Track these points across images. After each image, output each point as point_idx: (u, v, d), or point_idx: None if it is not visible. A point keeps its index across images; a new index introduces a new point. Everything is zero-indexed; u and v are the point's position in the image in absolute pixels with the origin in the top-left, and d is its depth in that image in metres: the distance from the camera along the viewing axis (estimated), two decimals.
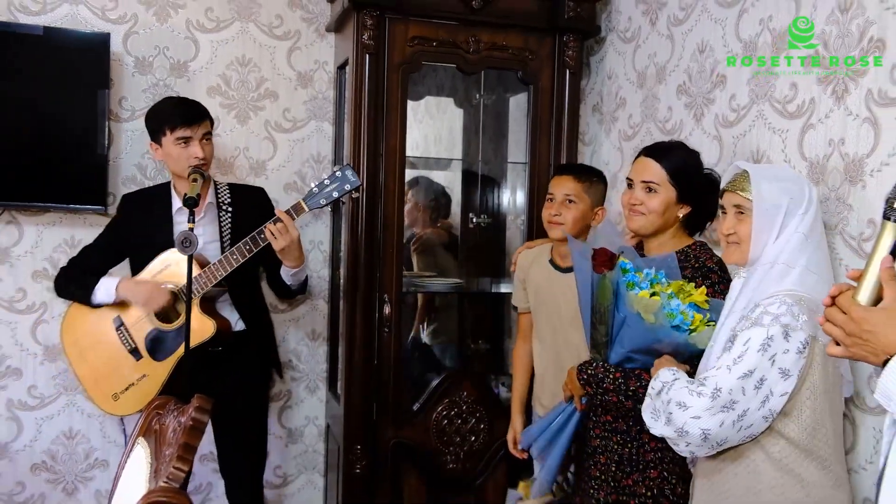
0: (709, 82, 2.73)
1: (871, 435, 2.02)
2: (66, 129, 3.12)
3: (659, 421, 1.91)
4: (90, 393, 2.92)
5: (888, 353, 1.30)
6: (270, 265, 2.94)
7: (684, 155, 2.35)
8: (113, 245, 2.95)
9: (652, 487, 2.22)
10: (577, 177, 2.72)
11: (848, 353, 1.37)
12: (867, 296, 1.33)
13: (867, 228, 2.05)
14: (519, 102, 3.64)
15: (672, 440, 1.91)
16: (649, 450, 2.23)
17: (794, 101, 2.34)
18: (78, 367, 2.92)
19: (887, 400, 1.31)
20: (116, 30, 3.24)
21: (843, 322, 1.35)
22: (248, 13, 3.44)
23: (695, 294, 2.07)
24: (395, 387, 3.15)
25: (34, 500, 3.32)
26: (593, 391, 2.23)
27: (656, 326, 2.03)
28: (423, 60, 3.16)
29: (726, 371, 1.82)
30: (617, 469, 2.25)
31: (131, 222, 2.93)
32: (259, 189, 3.14)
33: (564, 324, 2.73)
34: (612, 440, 2.28)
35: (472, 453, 3.23)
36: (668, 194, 2.29)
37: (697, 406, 1.82)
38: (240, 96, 3.44)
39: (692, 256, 2.26)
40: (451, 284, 3.65)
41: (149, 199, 2.96)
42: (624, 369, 2.17)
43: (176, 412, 1.55)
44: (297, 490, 3.69)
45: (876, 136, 2.05)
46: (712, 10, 2.73)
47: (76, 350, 2.92)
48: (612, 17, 3.35)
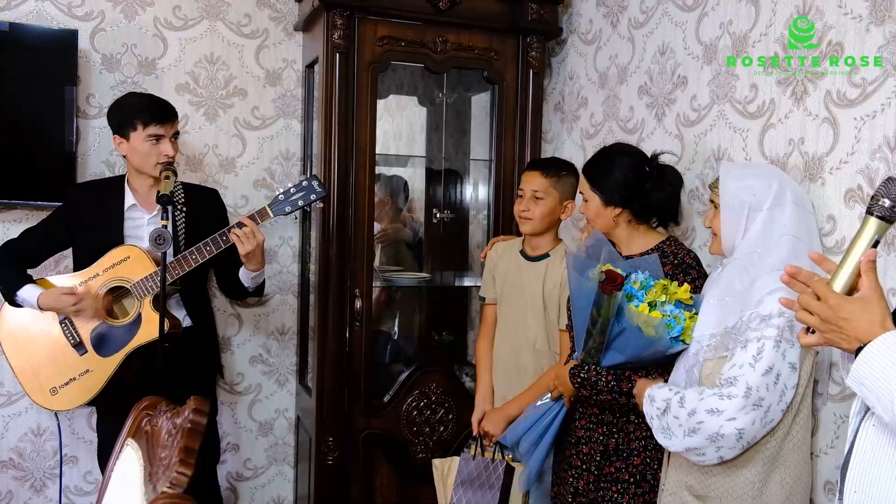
0: (670, 83, 2.76)
1: (832, 421, 2.06)
2: (34, 125, 3.03)
3: (676, 437, 1.90)
4: (25, 385, 2.77)
5: (861, 340, 1.32)
6: (227, 267, 2.89)
7: (597, 160, 2.41)
8: (56, 233, 2.82)
9: (634, 474, 2.25)
10: (544, 172, 2.73)
11: (822, 339, 1.39)
12: (842, 284, 1.36)
13: (827, 224, 2.09)
14: (481, 101, 3.65)
15: (698, 450, 1.89)
16: (634, 439, 2.26)
17: (755, 102, 2.38)
18: (14, 359, 2.77)
19: (859, 385, 1.34)
20: (83, 27, 3.15)
21: (818, 309, 1.37)
22: (216, 12, 3.37)
23: (679, 292, 2.09)
24: (367, 379, 3.13)
25: (1, 497, 3.22)
26: (588, 392, 2.24)
27: (656, 339, 2.05)
28: (392, 60, 3.14)
29: (750, 369, 1.83)
30: (601, 458, 2.27)
31: (80, 213, 2.80)
32: (213, 190, 3.07)
33: (526, 309, 2.76)
34: (597, 431, 2.29)
35: (441, 443, 3.23)
36: (593, 202, 2.37)
37: (731, 407, 1.83)
38: (208, 94, 3.38)
39: (669, 253, 2.28)
40: (418, 278, 3.64)
41: (100, 192, 2.85)
42: (615, 371, 2.18)
43: (169, 413, 1.51)
44: (267, 481, 3.66)
45: (835, 136, 2.09)
46: (673, 14, 2.76)
47: (13, 342, 2.78)
48: (574, 20, 3.37)
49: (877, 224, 1.36)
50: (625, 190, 2.33)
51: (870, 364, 1.31)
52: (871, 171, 1.98)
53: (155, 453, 1.50)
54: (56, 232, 2.82)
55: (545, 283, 2.72)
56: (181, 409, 1.45)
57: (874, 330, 1.31)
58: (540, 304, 2.73)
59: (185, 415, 1.41)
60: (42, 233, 2.83)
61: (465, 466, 2.74)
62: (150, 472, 1.48)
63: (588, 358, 2.22)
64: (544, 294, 2.72)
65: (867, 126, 2.00)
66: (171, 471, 1.30)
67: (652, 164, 2.37)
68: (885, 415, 1.29)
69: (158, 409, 1.62)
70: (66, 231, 2.82)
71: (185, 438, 1.35)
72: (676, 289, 2.10)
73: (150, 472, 1.48)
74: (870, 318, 1.32)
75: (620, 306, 2.08)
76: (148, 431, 1.60)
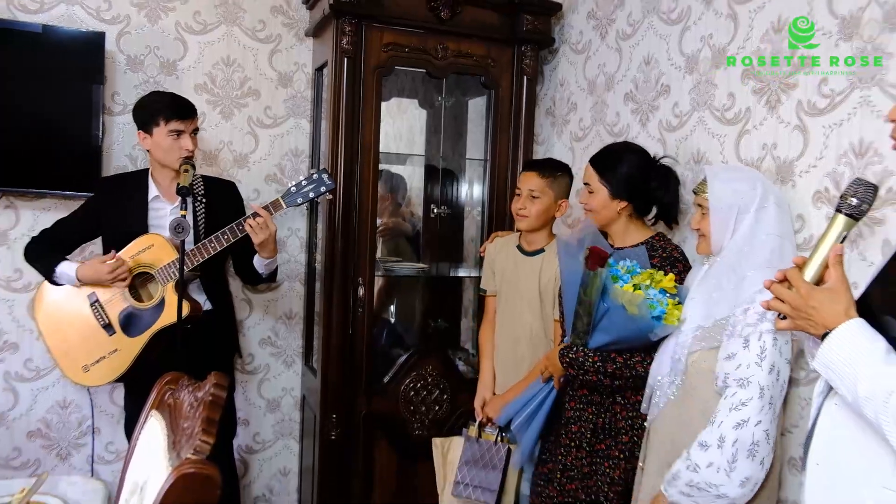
0: (654, 91, 2.79)
1: (797, 403, 2.09)
2: (63, 120, 3.04)
3: (732, 480, 1.81)
4: (60, 363, 2.81)
5: (828, 326, 1.36)
6: (242, 255, 2.91)
7: (608, 154, 2.43)
8: (86, 223, 2.85)
9: (623, 450, 2.27)
10: (540, 172, 2.74)
11: (793, 325, 1.43)
12: (812, 275, 1.40)
13: (797, 223, 2.12)
14: (477, 105, 3.66)
15: (749, 478, 1.82)
16: (621, 418, 2.28)
17: (732, 110, 2.40)
18: (50, 339, 2.81)
19: (825, 368, 1.37)
20: (110, 29, 3.16)
21: (790, 298, 1.41)
22: (233, 17, 3.38)
23: (664, 281, 2.12)
24: (368, 361, 3.15)
25: (30, 464, 3.24)
26: (575, 372, 2.26)
27: (638, 317, 2.06)
28: (396, 65, 3.15)
29: (758, 368, 1.82)
30: (592, 436, 2.30)
31: (107, 205, 2.83)
32: (230, 182, 3.09)
33: (523, 302, 2.77)
34: (587, 411, 2.32)
35: (436, 421, 3.25)
36: (600, 194, 2.37)
37: (755, 411, 1.81)
38: (224, 94, 3.39)
39: (658, 247, 2.32)
40: (417, 269, 3.66)
41: (125, 185, 2.87)
42: (601, 353, 2.21)
43: (190, 388, 1.53)
44: (274, 454, 3.68)
45: (805, 142, 2.12)
46: (657, 27, 2.78)
47: (49, 322, 2.82)
48: (566, 31, 3.39)
49: (845, 221, 1.39)
50: (632, 185, 2.35)
51: (835, 349, 1.34)
52: (837, 175, 2.01)
53: (178, 424, 1.52)
54: (86, 222, 2.85)
55: (541, 276, 2.73)
56: (202, 384, 1.47)
57: (839, 318, 1.34)
58: (536, 297, 2.74)
59: (207, 388, 1.42)
60: (73, 223, 2.86)
61: (469, 447, 2.76)
62: (173, 441, 1.50)
63: (576, 339, 2.24)
64: (540, 287, 2.73)
65: (835, 133, 2.03)
66: (194, 439, 1.32)
67: (656, 164, 2.40)
68: (848, 395, 1.32)
69: (180, 383, 1.64)
70: (96, 221, 2.84)
71: (207, 410, 1.37)
72: (662, 277, 2.13)
73: (174, 441, 1.49)
74: (836, 307, 1.35)
75: (605, 285, 2.09)
76: (171, 404, 1.62)
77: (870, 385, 1.26)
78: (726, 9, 2.44)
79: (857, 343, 1.31)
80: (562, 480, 2.33)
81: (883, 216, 1.89)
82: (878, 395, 1.25)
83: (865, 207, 1.39)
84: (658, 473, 2.07)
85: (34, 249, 2.83)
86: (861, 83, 1.96)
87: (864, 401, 1.28)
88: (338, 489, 3.17)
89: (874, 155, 1.91)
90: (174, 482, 1.25)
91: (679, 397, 2.04)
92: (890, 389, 1.23)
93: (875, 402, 1.25)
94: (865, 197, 1.39)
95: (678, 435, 2.02)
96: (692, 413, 1.99)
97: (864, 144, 1.94)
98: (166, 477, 1.29)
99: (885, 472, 1.31)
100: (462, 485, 2.72)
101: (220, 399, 1.39)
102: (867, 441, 1.34)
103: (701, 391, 1.98)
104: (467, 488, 2.70)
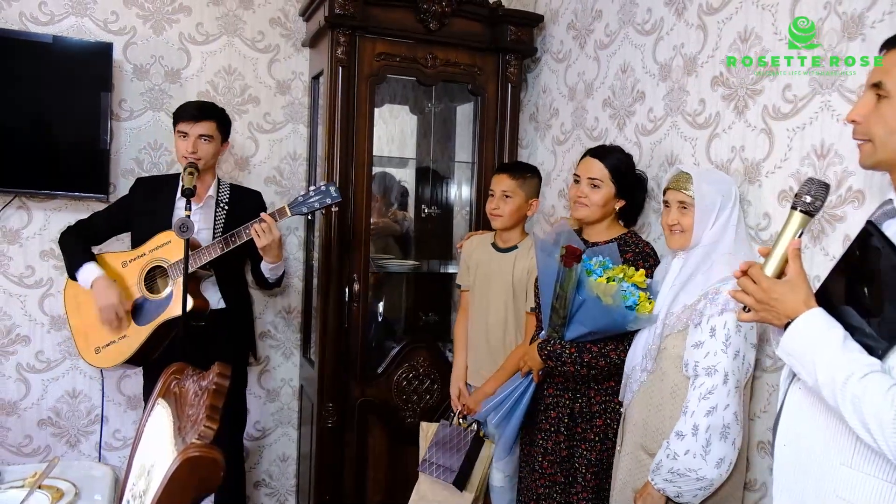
0: (630, 97, 2.80)
1: (764, 389, 2.11)
2: (72, 126, 3.04)
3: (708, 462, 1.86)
4: (78, 343, 2.84)
5: (789, 317, 1.37)
6: (254, 258, 2.91)
7: (622, 157, 2.43)
8: (118, 217, 2.89)
9: (598, 433, 2.29)
10: (511, 174, 2.77)
11: (757, 317, 1.44)
12: (772, 269, 1.41)
13: (763, 220, 2.14)
14: (465, 111, 3.67)
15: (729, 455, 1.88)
16: (595, 403, 2.30)
17: (703, 114, 2.42)
18: (72, 318, 2.86)
19: (787, 356, 1.39)
20: (117, 40, 3.16)
21: (753, 290, 1.42)
22: (234, 29, 3.38)
23: (635, 276, 2.14)
24: (362, 353, 3.16)
25: (41, 451, 3.24)
26: (554, 364, 2.28)
27: (612, 307, 2.09)
28: (388, 73, 3.15)
29: (724, 355, 1.86)
30: (569, 420, 2.31)
31: (138, 202, 2.87)
32: (256, 192, 3.07)
33: (497, 296, 2.79)
34: (564, 397, 2.33)
35: (426, 409, 3.26)
36: (608, 189, 2.37)
37: (722, 396, 1.85)
38: (226, 101, 3.38)
39: (631, 242, 2.34)
40: (408, 266, 3.67)
41: (157, 185, 2.91)
42: (577, 344, 2.22)
43: (195, 377, 1.53)
44: (274, 441, 3.68)
45: (770, 144, 2.14)
46: (633, 38, 2.80)
47: (74, 303, 2.85)
48: (547, 41, 3.40)
49: (800, 217, 1.41)
50: (631, 186, 2.41)
51: (795, 337, 1.36)
52: (800, 175, 2.03)
53: (183, 411, 1.52)
54: (117, 217, 2.90)
55: (514, 271, 2.75)
56: (206, 374, 1.47)
57: (799, 308, 1.36)
58: (510, 290, 2.76)
59: (210, 378, 1.43)
60: (106, 216, 2.90)
61: (441, 430, 2.81)
62: (178, 427, 1.50)
63: (553, 333, 2.25)
64: (514, 281, 2.75)
65: (798, 136, 2.05)
66: (198, 425, 1.32)
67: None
68: (808, 379, 1.34)
69: (185, 373, 1.64)
70: (125, 216, 2.88)
71: (211, 398, 1.37)
72: (633, 272, 2.15)
73: (179, 427, 1.50)
74: (795, 299, 1.37)
75: (580, 279, 2.11)
76: (176, 392, 1.62)
77: (827, 371, 1.28)
78: (696, 20, 2.45)
79: (815, 332, 1.33)
80: (542, 464, 2.35)
81: (843, 213, 1.91)
82: (836, 381, 1.26)
83: (819, 204, 1.41)
84: (633, 455, 2.10)
85: (67, 239, 2.86)
86: (822, 89, 1.98)
87: (823, 386, 1.29)
88: (334, 473, 3.17)
89: (835, 156, 1.94)
90: (180, 465, 1.26)
91: (650, 382, 2.06)
92: (846, 375, 1.25)
93: (833, 387, 1.27)
94: (818, 194, 1.41)
95: (650, 418, 2.05)
96: (663, 396, 2.02)
97: (825, 146, 1.96)
98: (172, 460, 1.30)
99: (845, 451, 1.33)
100: (427, 463, 2.77)
101: (222, 388, 1.39)
102: (828, 423, 1.35)
103: (670, 375, 2.01)
104: (431, 466, 2.75)
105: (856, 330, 1.30)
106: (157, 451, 1.53)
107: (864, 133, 1.40)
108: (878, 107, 1.37)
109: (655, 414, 2.03)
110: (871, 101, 1.38)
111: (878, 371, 1.24)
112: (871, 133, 1.39)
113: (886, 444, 1.20)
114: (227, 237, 2.69)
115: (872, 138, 1.38)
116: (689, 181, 2.05)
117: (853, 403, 1.24)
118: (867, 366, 1.24)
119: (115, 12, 3.17)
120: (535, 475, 2.38)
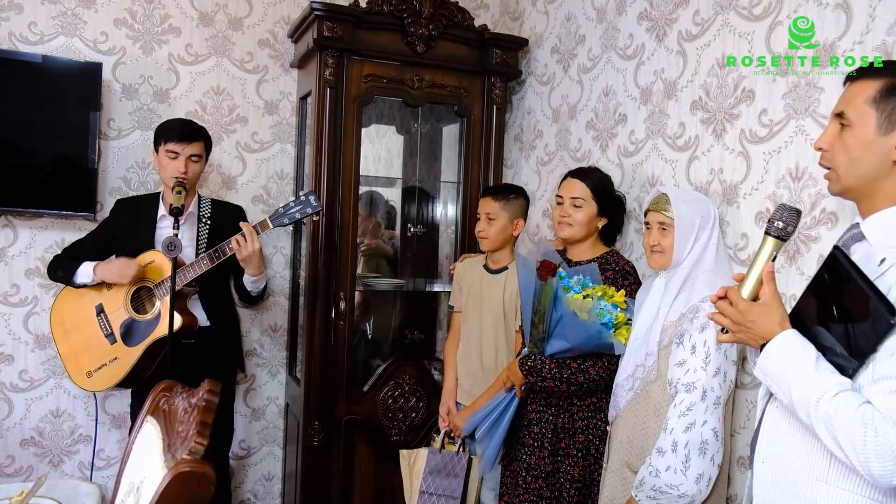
0: (612, 119, 2.87)
1: (744, 406, 2.16)
2: (60, 144, 3.06)
3: (688, 478, 1.89)
4: (68, 368, 2.86)
5: (765, 338, 1.42)
6: (237, 272, 2.93)
7: (602, 176, 2.49)
8: (101, 240, 2.91)
9: (581, 448, 2.33)
10: (494, 196, 2.82)
11: (735, 338, 1.49)
12: (748, 292, 1.46)
13: (741, 240, 2.20)
14: (450, 131, 3.72)
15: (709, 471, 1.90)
16: (577, 419, 2.34)
17: (682, 137, 2.49)
18: (61, 345, 2.87)
19: (764, 375, 1.43)
20: (107, 60, 3.19)
21: (731, 313, 1.47)
22: (223, 49, 3.42)
23: (616, 296, 2.18)
24: (349, 371, 3.18)
25: (23, 471, 3.22)
26: (534, 379, 2.31)
27: (588, 323, 2.13)
28: (375, 94, 3.21)
29: (703, 372, 1.91)
30: (553, 436, 2.35)
31: (120, 223, 2.90)
32: (238, 207, 3.11)
33: (489, 316, 2.83)
34: (546, 412, 2.37)
35: (412, 427, 3.29)
36: (591, 208, 2.42)
37: (700, 413, 1.89)
38: (214, 120, 3.42)
39: (612, 261, 2.39)
40: (394, 284, 3.70)
41: (138, 205, 2.94)
42: (557, 360, 2.26)
43: (185, 394, 1.55)
44: (259, 460, 3.68)
45: (748, 167, 2.20)
46: (615, 62, 2.87)
47: (61, 329, 2.87)
48: (532, 64, 3.47)
49: (773, 242, 1.47)
50: (613, 206, 2.47)
51: (771, 358, 1.40)
52: (776, 197, 2.09)
53: (173, 428, 1.54)
54: (101, 239, 2.92)
55: (505, 292, 2.80)
56: (196, 391, 1.50)
57: (774, 330, 1.41)
58: (501, 311, 2.80)
59: (200, 395, 1.45)
60: (92, 241, 2.93)
61: (433, 458, 2.82)
62: (168, 444, 1.52)
63: (534, 348, 2.29)
64: (504, 302, 2.79)
65: (774, 159, 2.11)
66: (189, 441, 1.35)
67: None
68: (784, 398, 1.39)
69: (175, 390, 1.66)
70: (109, 238, 2.90)
71: (201, 414, 1.40)
72: (614, 293, 2.19)
73: (169, 444, 1.52)
74: (770, 320, 1.42)
75: (557, 294, 2.15)
76: (165, 410, 1.64)
77: (801, 390, 1.33)
78: (676, 46, 2.52)
79: (789, 353, 1.37)
80: (527, 479, 2.38)
81: (818, 234, 1.97)
82: (810, 400, 1.31)
83: (791, 230, 1.47)
84: (618, 472, 2.13)
85: (57, 260, 2.90)
86: (796, 114, 2.05)
87: (797, 405, 1.34)
88: (320, 492, 3.18)
89: (809, 179, 2.00)
90: (171, 480, 1.28)
91: (635, 400, 2.10)
92: (819, 394, 1.30)
93: (807, 406, 1.32)
94: (790, 220, 1.47)
95: (635, 435, 2.08)
96: (647, 414, 2.06)
97: (799, 169, 2.03)
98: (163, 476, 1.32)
99: (820, 467, 1.38)
100: (427, 493, 2.77)
101: (212, 404, 1.42)
102: (804, 440, 1.40)
103: (654, 394, 2.05)
104: (432, 497, 2.76)
105: (828, 350, 1.35)
106: (147, 467, 1.55)
107: (829, 161, 1.47)
108: (842, 136, 1.43)
109: (640, 431, 2.07)
110: (835, 130, 1.45)
111: (849, 390, 1.29)
112: (834, 162, 1.45)
113: (858, 460, 1.25)
114: (210, 253, 2.71)
115: (835, 167, 1.45)
116: (668, 202, 2.10)
117: (826, 422, 1.29)
118: (838, 385, 1.29)
119: (104, 32, 3.20)
120: (518, 489, 2.41)
